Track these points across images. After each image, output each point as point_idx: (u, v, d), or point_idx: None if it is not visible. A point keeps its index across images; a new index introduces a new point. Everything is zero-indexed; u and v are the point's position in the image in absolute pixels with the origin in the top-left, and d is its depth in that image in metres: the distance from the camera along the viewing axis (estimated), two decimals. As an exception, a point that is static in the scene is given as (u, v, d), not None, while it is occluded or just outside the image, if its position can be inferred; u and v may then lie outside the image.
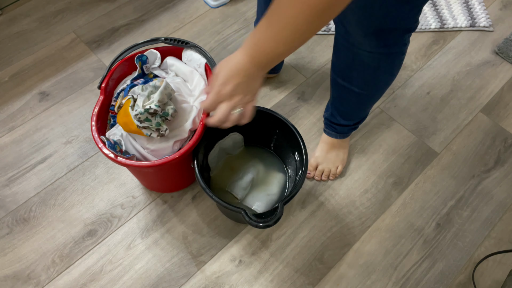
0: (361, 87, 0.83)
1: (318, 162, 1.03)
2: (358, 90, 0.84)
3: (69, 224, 0.95)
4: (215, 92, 0.60)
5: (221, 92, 0.60)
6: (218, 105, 0.62)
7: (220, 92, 0.60)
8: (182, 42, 0.88)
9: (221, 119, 0.62)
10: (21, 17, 1.32)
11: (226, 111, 0.61)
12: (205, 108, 0.62)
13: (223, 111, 0.61)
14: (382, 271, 0.92)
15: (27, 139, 1.07)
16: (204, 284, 0.89)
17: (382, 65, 0.77)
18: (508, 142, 1.11)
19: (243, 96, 0.61)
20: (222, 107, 0.61)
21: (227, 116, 0.61)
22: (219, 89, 0.60)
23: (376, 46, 0.72)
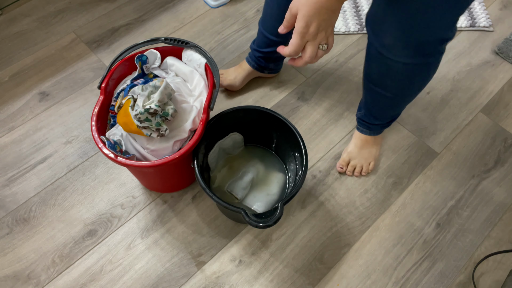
0: (395, 93, 0.84)
1: (351, 158, 1.03)
2: (391, 95, 0.85)
3: (69, 224, 0.95)
4: (300, 36, 0.57)
5: (305, 34, 0.57)
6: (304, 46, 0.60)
7: (304, 35, 0.57)
8: (182, 42, 0.88)
9: (310, 59, 0.60)
10: (21, 17, 1.32)
11: (313, 51, 0.59)
12: (290, 53, 0.59)
13: (311, 51, 0.59)
14: (382, 271, 0.92)
15: (27, 139, 1.07)
16: (204, 284, 0.89)
17: (418, 74, 0.76)
18: (508, 142, 1.11)
19: (325, 32, 0.59)
20: (308, 48, 0.59)
21: (315, 55, 0.60)
22: (303, 32, 0.57)
23: (413, 57, 0.71)
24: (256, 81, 1.19)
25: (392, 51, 0.71)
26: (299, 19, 0.56)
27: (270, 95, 1.17)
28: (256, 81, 1.19)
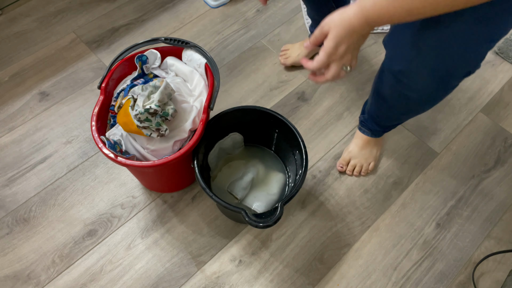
0: (403, 112, 0.84)
1: (351, 157, 1.03)
2: (398, 112, 0.85)
3: (69, 224, 0.95)
4: (328, 53, 0.58)
5: (333, 54, 0.58)
6: (328, 65, 0.61)
7: (332, 54, 0.58)
8: (182, 42, 0.88)
9: (332, 78, 0.61)
10: (21, 17, 1.32)
11: (337, 71, 0.60)
12: (313, 68, 0.60)
13: (335, 71, 0.60)
14: (382, 271, 0.92)
15: (27, 139, 1.07)
16: (204, 284, 0.89)
17: (430, 101, 0.76)
18: (508, 142, 1.11)
19: (351, 54, 0.60)
20: (333, 67, 0.60)
21: (338, 74, 0.61)
22: (332, 51, 0.58)
23: (432, 89, 0.69)
24: (256, 80, 1.19)
25: (412, 80, 0.69)
26: (329, 38, 0.57)
27: (270, 95, 1.17)
28: (256, 80, 1.19)
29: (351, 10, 0.55)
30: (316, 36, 0.59)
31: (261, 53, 1.26)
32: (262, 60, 1.24)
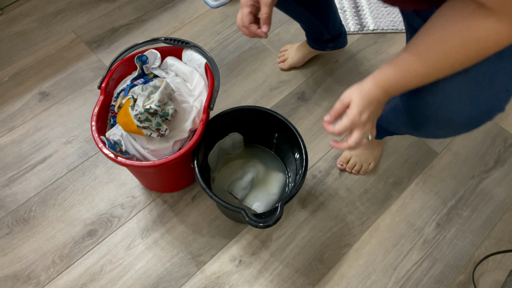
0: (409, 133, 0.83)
1: (352, 155, 1.03)
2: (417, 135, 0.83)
3: (69, 224, 0.95)
4: (351, 121, 0.61)
5: (356, 121, 0.61)
6: (351, 132, 0.63)
7: (355, 121, 0.61)
8: (182, 42, 0.88)
9: (355, 145, 0.62)
10: (21, 17, 1.32)
11: (359, 137, 0.62)
12: (335, 132, 0.63)
13: (358, 137, 0.62)
14: (382, 271, 0.92)
15: (27, 139, 1.07)
16: (204, 284, 0.89)
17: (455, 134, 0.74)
18: (508, 142, 1.11)
19: (372, 122, 0.63)
20: (356, 133, 0.62)
21: (360, 141, 0.62)
22: (356, 118, 0.61)
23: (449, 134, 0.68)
24: (256, 80, 1.19)
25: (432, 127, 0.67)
26: (353, 106, 0.60)
27: (270, 95, 1.17)
28: (256, 80, 1.20)
29: (368, 83, 0.60)
30: (337, 109, 0.63)
31: (261, 53, 1.26)
32: (262, 60, 1.24)
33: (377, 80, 0.60)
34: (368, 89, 0.60)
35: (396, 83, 0.59)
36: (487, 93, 0.59)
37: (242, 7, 0.72)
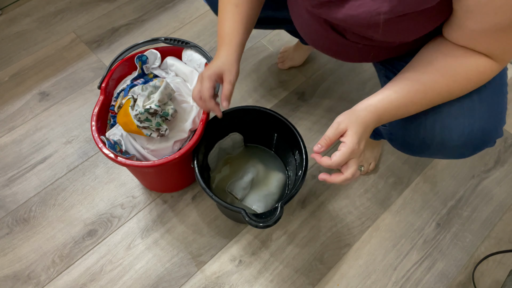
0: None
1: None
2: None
3: (69, 224, 0.95)
4: (350, 150, 0.56)
5: (355, 150, 0.57)
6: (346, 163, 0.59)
7: (354, 150, 0.56)
8: (182, 42, 0.88)
9: (352, 177, 0.59)
10: (21, 17, 1.32)
11: (356, 169, 0.59)
12: (331, 165, 0.58)
13: (354, 169, 0.58)
14: (382, 271, 0.92)
15: (27, 139, 1.07)
16: (204, 284, 0.89)
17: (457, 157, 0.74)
18: (508, 142, 1.11)
19: (365, 153, 0.62)
20: (352, 165, 0.58)
21: (356, 173, 0.59)
22: (355, 148, 0.56)
23: (460, 157, 0.67)
24: (256, 80, 1.19)
25: (425, 152, 0.68)
26: (350, 134, 0.56)
27: (270, 95, 1.17)
28: (256, 80, 1.20)
29: (364, 111, 0.58)
30: (330, 137, 0.58)
31: (261, 53, 1.26)
32: (262, 60, 1.24)
33: (372, 107, 0.58)
34: (364, 116, 0.58)
35: (390, 112, 0.58)
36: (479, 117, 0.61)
37: (204, 80, 0.71)
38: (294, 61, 1.20)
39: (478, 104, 0.60)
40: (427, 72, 0.57)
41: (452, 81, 0.56)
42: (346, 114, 0.58)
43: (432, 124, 0.63)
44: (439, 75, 0.56)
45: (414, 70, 0.58)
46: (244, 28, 0.71)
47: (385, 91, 0.59)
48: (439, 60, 0.57)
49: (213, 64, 0.71)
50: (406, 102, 0.58)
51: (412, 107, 0.59)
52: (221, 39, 0.71)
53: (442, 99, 0.58)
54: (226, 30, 0.71)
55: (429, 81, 0.56)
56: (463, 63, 0.55)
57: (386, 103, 0.58)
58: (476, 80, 0.57)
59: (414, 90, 0.57)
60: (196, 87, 0.73)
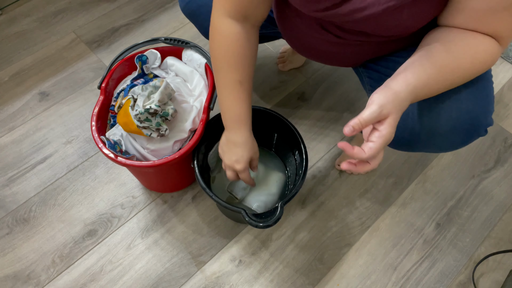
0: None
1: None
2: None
3: (69, 224, 0.95)
4: (386, 142, 0.50)
5: (389, 140, 0.50)
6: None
7: (388, 141, 0.50)
8: (182, 42, 0.88)
9: (377, 166, 0.53)
10: (21, 17, 1.32)
11: (382, 156, 0.53)
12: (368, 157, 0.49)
13: (381, 156, 0.53)
14: (382, 271, 0.92)
15: (27, 139, 1.07)
16: (204, 284, 0.89)
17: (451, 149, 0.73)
18: (508, 142, 1.11)
19: None
20: (381, 153, 0.52)
21: (381, 160, 0.54)
22: (390, 138, 0.50)
23: (452, 146, 0.66)
24: (256, 80, 1.19)
25: (418, 145, 0.67)
26: (390, 124, 0.49)
27: (270, 95, 1.17)
28: (256, 80, 1.19)
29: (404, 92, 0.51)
30: (367, 121, 0.48)
31: (261, 53, 1.26)
32: (262, 60, 1.24)
33: (412, 87, 0.51)
34: (405, 98, 0.51)
35: (423, 92, 0.53)
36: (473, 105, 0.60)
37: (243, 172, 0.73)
38: (294, 62, 1.20)
39: (463, 87, 0.59)
40: (452, 47, 0.54)
41: (475, 58, 0.54)
42: (387, 94, 0.49)
43: (420, 112, 0.62)
44: (463, 50, 0.54)
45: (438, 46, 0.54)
46: (250, 103, 0.71)
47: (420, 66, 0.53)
48: (459, 38, 0.54)
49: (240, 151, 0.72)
50: (440, 77, 0.53)
51: (442, 85, 0.55)
52: (234, 119, 0.71)
53: (464, 78, 0.56)
54: (237, 110, 0.70)
55: (456, 55, 0.53)
56: (482, 41, 0.53)
57: (425, 80, 0.52)
58: (490, 61, 0.55)
59: (446, 65, 0.53)
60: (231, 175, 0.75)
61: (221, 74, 0.68)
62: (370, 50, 0.70)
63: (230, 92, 0.69)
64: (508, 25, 0.52)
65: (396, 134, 0.66)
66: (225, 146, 0.74)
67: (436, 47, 0.54)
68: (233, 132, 0.71)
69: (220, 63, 0.68)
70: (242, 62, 0.68)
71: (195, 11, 0.83)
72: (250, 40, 0.67)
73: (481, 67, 0.56)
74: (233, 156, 0.72)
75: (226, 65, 0.67)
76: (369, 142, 0.49)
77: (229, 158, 0.73)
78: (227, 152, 0.73)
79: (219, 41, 0.66)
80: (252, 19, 0.65)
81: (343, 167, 0.52)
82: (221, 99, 0.71)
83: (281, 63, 1.21)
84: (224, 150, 0.74)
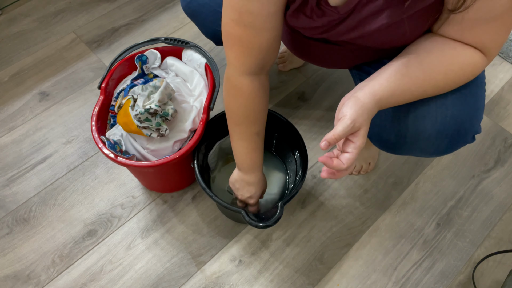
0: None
1: None
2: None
3: (69, 224, 0.95)
4: (359, 151, 0.52)
5: (363, 145, 0.53)
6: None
7: (363, 146, 0.53)
8: (182, 42, 0.88)
9: (351, 171, 0.57)
10: (21, 17, 1.32)
11: (355, 161, 0.55)
12: (347, 168, 0.52)
13: (354, 161, 0.55)
14: (382, 271, 0.92)
15: (27, 139, 1.07)
16: (204, 284, 0.89)
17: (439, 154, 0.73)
18: (508, 142, 1.11)
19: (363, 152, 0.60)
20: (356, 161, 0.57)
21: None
22: (363, 147, 0.52)
23: (437, 152, 0.66)
24: (256, 81, 1.19)
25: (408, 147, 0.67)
26: (363, 135, 0.52)
27: (270, 95, 1.17)
28: (256, 81, 1.19)
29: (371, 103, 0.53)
30: (341, 135, 0.51)
31: (261, 53, 1.26)
32: (262, 60, 1.24)
33: (378, 97, 0.54)
34: (373, 109, 0.54)
35: (388, 102, 0.55)
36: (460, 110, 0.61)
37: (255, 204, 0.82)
38: (294, 63, 1.20)
39: (450, 93, 0.60)
40: (426, 59, 0.55)
41: (450, 70, 0.55)
42: (357, 109, 0.52)
43: (406, 114, 0.62)
44: (437, 62, 0.55)
45: (414, 57, 0.56)
46: (263, 147, 0.77)
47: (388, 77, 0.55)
48: (437, 48, 0.56)
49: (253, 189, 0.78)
50: (408, 88, 0.55)
51: (411, 95, 0.56)
52: (251, 165, 0.76)
53: (437, 89, 0.57)
54: (254, 158, 0.75)
55: (429, 67, 0.55)
56: (460, 53, 0.55)
57: (391, 91, 0.54)
58: (469, 73, 0.56)
59: (416, 76, 0.55)
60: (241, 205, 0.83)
61: (240, 128, 0.71)
62: (367, 56, 0.71)
63: (248, 143, 0.73)
64: (494, 37, 0.53)
65: (382, 136, 0.68)
66: (238, 184, 0.79)
67: (410, 59, 0.56)
68: (248, 175, 0.77)
69: (240, 118, 0.70)
70: (261, 116, 0.71)
71: (196, 10, 0.83)
72: (266, 91, 0.70)
73: (458, 79, 0.56)
74: (247, 193, 0.78)
75: (246, 120, 0.70)
76: (346, 153, 0.52)
77: (243, 195, 0.79)
78: (240, 189, 0.79)
79: (240, 98, 0.68)
80: (268, 66, 0.67)
81: (322, 175, 0.55)
82: (237, 148, 0.75)
83: (281, 63, 1.21)
84: (237, 187, 0.79)
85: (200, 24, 0.87)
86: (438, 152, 0.66)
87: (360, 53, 0.70)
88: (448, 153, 0.67)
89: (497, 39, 0.53)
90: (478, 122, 0.63)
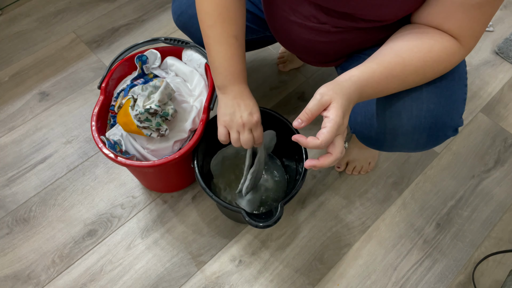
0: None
1: (350, 158, 1.03)
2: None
3: (69, 224, 0.95)
4: (336, 126, 0.50)
5: (341, 125, 0.51)
6: (334, 139, 0.53)
7: (340, 125, 0.51)
8: (182, 42, 0.88)
9: (341, 155, 0.54)
10: (21, 17, 1.32)
11: (342, 145, 0.53)
12: (320, 145, 0.51)
13: (341, 145, 0.53)
14: (382, 271, 0.92)
15: (27, 139, 1.07)
16: (204, 284, 0.89)
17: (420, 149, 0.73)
18: (508, 142, 1.11)
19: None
20: (339, 142, 0.52)
21: (343, 150, 0.54)
22: (340, 122, 0.51)
23: (419, 146, 0.66)
24: (256, 80, 1.19)
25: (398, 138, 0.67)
26: (336, 107, 0.51)
27: (270, 95, 1.17)
28: (256, 80, 1.20)
29: (348, 82, 0.53)
30: (312, 110, 0.52)
31: (261, 53, 1.26)
32: (262, 60, 1.24)
33: (356, 77, 0.54)
34: (348, 87, 0.53)
35: (372, 84, 0.55)
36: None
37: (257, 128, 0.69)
38: (294, 63, 1.20)
39: (424, 86, 0.60)
40: (405, 47, 0.57)
41: (429, 57, 0.56)
42: (329, 85, 0.53)
43: (383, 111, 0.63)
44: (416, 50, 0.56)
45: (392, 46, 0.58)
46: (245, 62, 0.69)
47: (366, 63, 0.56)
48: (416, 37, 0.57)
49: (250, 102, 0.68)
50: (387, 74, 0.55)
51: (392, 82, 0.56)
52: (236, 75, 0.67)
53: (418, 76, 0.57)
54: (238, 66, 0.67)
55: (407, 54, 0.56)
56: (438, 41, 0.56)
57: (369, 74, 0.55)
58: (446, 63, 0.57)
59: (394, 62, 0.55)
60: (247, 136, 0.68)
61: (214, 29, 0.64)
62: (354, 40, 0.70)
63: (226, 48, 0.65)
64: (473, 24, 0.54)
65: (364, 133, 0.69)
66: (231, 107, 0.67)
67: (387, 49, 0.57)
68: (237, 88, 0.67)
69: (212, 17, 0.64)
70: (236, 16, 0.65)
71: (187, 22, 0.84)
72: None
73: (436, 66, 0.57)
74: (245, 110, 0.66)
75: (220, 19, 0.63)
76: (322, 129, 0.51)
77: (242, 115, 0.66)
78: (237, 111, 0.67)
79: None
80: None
81: (306, 165, 0.53)
82: (215, 56, 0.66)
83: (281, 63, 1.21)
84: (231, 112, 0.67)
85: (192, 35, 0.87)
86: (420, 147, 0.67)
87: (346, 37, 0.68)
88: (431, 147, 0.67)
89: (475, 28, 0.54)
90: (457, 115, 0.63)
